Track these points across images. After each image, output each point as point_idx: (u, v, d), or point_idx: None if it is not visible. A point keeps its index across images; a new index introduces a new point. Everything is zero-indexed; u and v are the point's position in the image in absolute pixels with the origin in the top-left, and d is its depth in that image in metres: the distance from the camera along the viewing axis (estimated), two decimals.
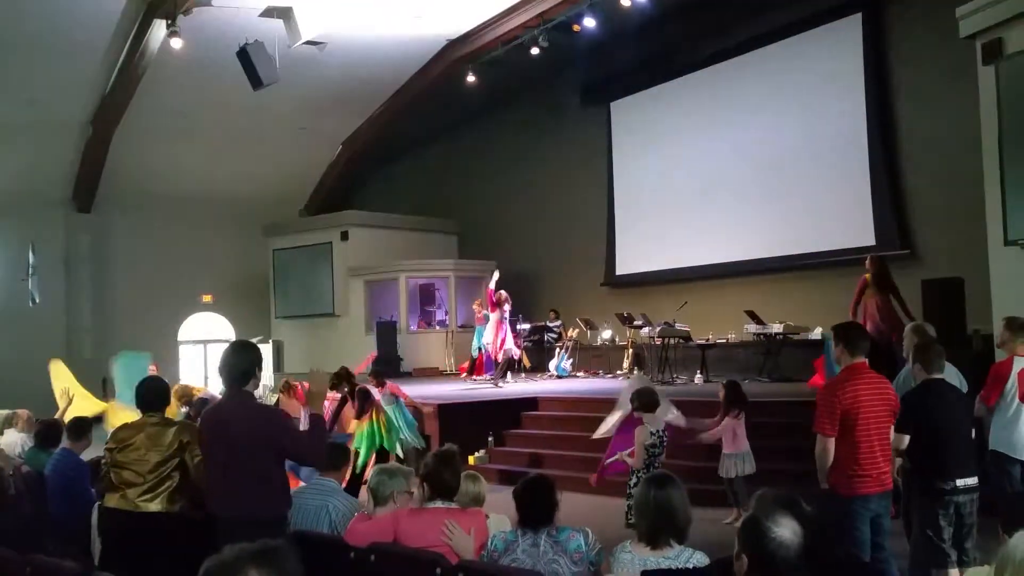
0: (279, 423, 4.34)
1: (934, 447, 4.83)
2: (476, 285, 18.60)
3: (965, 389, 5.90)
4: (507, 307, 13.54)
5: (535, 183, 18.64)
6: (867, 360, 4.91)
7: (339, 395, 8.93)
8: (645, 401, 6.75)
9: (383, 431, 8.86)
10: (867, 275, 9.88)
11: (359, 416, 8.87)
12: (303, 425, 11.43)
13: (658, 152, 16.35)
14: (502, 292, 13.48)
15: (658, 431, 6.56)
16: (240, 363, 4.31)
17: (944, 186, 12.00)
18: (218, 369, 4.39)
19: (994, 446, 5.92)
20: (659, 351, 13.23)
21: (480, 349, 14.95)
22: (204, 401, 8.27)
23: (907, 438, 4.84)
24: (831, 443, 4.71)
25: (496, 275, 13.89)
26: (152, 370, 9.81)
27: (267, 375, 17.94)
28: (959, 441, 4.93)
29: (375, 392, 9.23)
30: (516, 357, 14.24)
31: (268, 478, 4.14)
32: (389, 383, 9.93)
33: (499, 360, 13.62)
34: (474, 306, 16.29)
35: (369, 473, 5.19)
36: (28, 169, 16.81)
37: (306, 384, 11.81)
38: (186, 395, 9.28)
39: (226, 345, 4.52)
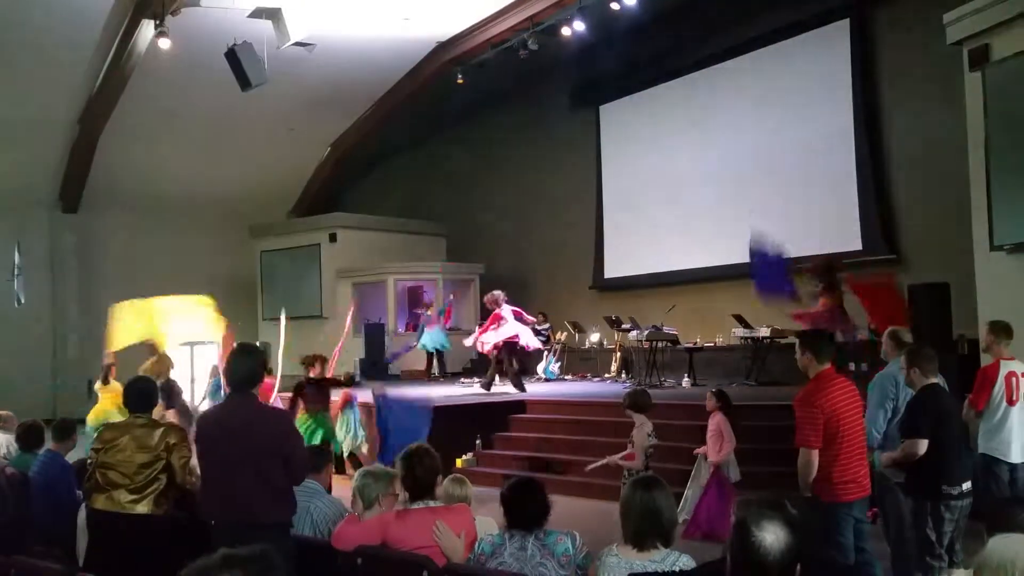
0: (286, 426, 4.32)
1: (943, 452, 4.76)
2: (464, 288, 18.59)
3: None
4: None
5: (524, 186, 18.65)
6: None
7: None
8: (638, 401, 6.69)
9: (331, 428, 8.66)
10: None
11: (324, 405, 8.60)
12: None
13: (647, 155, 16.37)
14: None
15: (651, 433, 6.53)
16: (243, 366, 4.28)
17: (931, 191, 12.07)
18: (223, 372, 4.37)
19: (983, 450, 5.95)
20: (647, 354, 13.25)
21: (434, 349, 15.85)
22: None
23: (925, 443, 4.71)
24: (815, 455, 4.61)
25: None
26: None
27: None
28: (960, 446, 4.95)
29: (336, 392, 9.16)
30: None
31: (270, 481, 4.05)
32: (344, 391, 9.77)
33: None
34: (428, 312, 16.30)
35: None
36: (14, 169, 16.68)
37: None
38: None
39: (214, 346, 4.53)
